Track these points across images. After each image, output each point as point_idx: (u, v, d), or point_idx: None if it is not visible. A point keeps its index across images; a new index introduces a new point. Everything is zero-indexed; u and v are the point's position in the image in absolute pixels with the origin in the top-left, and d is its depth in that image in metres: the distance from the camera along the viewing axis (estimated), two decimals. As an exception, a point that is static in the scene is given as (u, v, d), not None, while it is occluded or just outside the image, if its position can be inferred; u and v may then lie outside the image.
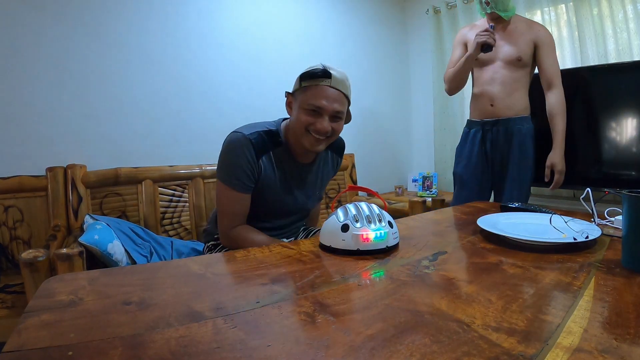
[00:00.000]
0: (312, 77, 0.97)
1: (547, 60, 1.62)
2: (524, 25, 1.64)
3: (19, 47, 1.54)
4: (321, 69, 0.97)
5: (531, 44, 1.62)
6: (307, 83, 0.97)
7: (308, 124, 0.97)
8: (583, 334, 0.39)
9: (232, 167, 0.98)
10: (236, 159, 0.98)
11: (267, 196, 1.04)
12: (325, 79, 0.97)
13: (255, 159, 0.99)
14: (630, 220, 0.58)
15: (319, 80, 0.97)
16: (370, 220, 0.70)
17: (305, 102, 0.97)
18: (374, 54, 2.84)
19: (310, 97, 0.97)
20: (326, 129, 0.98)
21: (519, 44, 1.62)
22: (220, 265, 0.67)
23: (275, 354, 0.36)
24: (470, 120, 1.82)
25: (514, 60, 1.63)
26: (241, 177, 0.98)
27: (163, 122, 1.89)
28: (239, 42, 2.13)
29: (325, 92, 0.97)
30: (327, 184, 1.25)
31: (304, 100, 0.97)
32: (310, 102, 0.96)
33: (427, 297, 0.50)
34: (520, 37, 1.63)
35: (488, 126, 1.72)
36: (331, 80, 0.98)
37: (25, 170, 1.53)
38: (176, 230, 1.77)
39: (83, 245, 1.18)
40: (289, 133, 1.05)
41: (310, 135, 0.98)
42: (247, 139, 0.98)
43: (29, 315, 0.44)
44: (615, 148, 1.90)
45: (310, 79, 0.97)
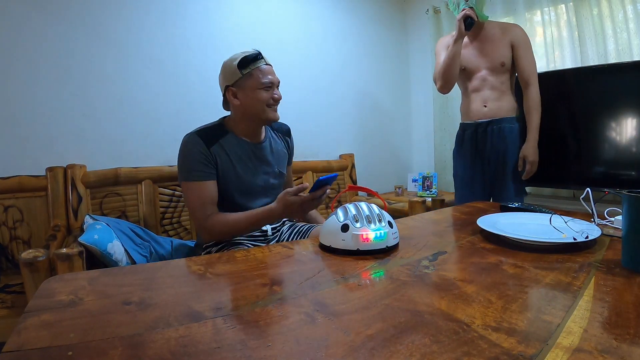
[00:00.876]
0: (252, 61, 1.10)
1: (524, 59, 1.69)
2: (498, 30, 1.72)
3: (19, 47, 1.54)
4: (256, 52, 1.12)
5: (509, 45, 1.69)
6: (249, 69, 1.10)
7: (267, 99, 1.11)
8: (583, 334, 0.39)
9: (187, 162, 1.07)
10: (189, 153, 1.07)
11: (230, 182, 1.11)
12: (261, 59, 1.13)
13: (207, 149, 1.08)
14: (630, 220, 0.58)
15: (259, 62, 1.11)
16: (370, 220, 0.70)
17: (258, 83, 1.10)
18: (374, 54, 2.84)
19: (259, 77, 1.10)
20: (280, 97, 1.15)
21: (499, 49, 1.70)
22: (220, 265, 0.67)
23: (275, 354, 0.36)
24: (464, 123, 1.87)
25: (498, 66, 1.70)
26: (198, 167, 1.06)
27: (163, 122, 1.89)
28: (238, 42, 2.13)
29: (267, 69, 1.13)
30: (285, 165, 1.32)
31: (254, 83, 1.10)
32: (263, 80, 1.10)
33: (427, 297, 0.50)
34: (499, 42, 1.70)
35: (482, 127, 1.78)
36: (265, 60, 1.14)
37: (25, 170, 1.53)
38: (176, 230, 1.77)
39: (83, 245, 1.18)
40: (236, 122, 1.16)
41: (270, 108, 1.13)
42: (193, 135, 1.09)
43: (29, 315, 0.44)
44: (615, 148, 1.90)
45: (251, 63, 1.10)
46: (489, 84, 1.73)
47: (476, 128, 1.80)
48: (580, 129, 2.01)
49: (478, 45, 1.74)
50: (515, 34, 1.69)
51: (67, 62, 1.64)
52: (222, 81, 1.15)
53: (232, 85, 1.12)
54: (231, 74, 1.11)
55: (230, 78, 1.12)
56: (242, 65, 1.09)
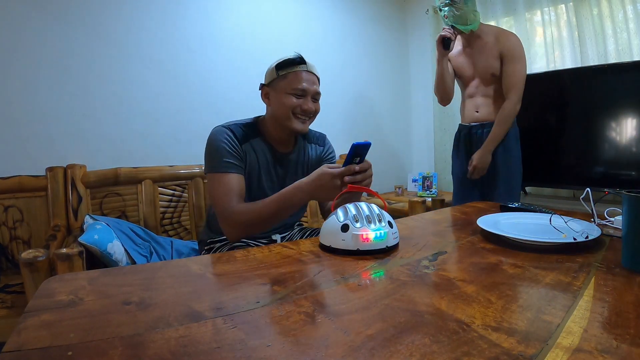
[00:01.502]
0: (290, 64, 1.05)
1: (508, 72, 1.68)
2: (491, 38, 1.71)
3: (19, 47, 1.54)
4: (297, 55, 1.06)
5: (498, 56, 1.70)
6: (285, 71, 1.05)
7: (294, 106, 1.04)
8: (583, 334, 0.39)
9: (217, 152, 1.01)
10: (219, 144, 1.01)
11: (252, 187, 1.07)
12: (302, 64, 1.06)
13: (238, 143, 1.03)
14: (630, 220, 0.58)
15: (296, 67, 1.05)
16: (370, 220, 0.70)
17: (289, 87, 1.04)
18: (374, 54, 2.84)
19: (292, 82, 1.04)
20: (311, 109, 1.07)
21: (490, 60, 1.71)
22: (220, 265, 0.67)
23: (275, 354, 0.36)
24: (461, 125, 1.93)
25: (488, 77, 1.74)
26: (228, 157, 1.01)
27: (163, 122, 1.89)
28: (238, 41, 2.13)
29: (304, 76, 1.05)
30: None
31: (286, 86, 1.04)
32: (293, 86, 1.04)
33: (427, 297, 0.50)
34: (489, 53, 1.71)
35: (475, 129, 1.83)
36: (306, 65, 1.07)
37: (25, 170, 1.53)
38: (176, 230, 1.77)
39: (83, 245, 1.18)
40: (266, 124, 1.11)
41: (297, 118, 1.06)
42: (224, 128, 1.04)
43: (28, 315, 0.44)
44: (615, 148, 1.90)
45: (288, 66, 1.05)
46: (481, 92, 1.78)
47: (469, 130, 1.85)
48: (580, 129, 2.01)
49: (471, 54, 1.77)
50: (506, 45, 1.67)
51: (67, 62, 1.64)
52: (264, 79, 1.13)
53: (267, 85, 1.10)
54: (269, 73, 1.09)
55: (266, 77, 1.10)
56: (280, 67, 1.06)
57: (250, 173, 1.06)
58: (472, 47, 1.76)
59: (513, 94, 1.67)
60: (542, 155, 2.14)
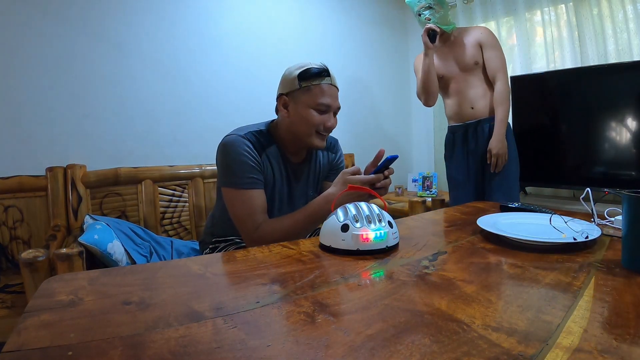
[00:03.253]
0: (315, 76, 0.98)
1: (491, 58, 1.74)
2: (464, 33, 1.79)
3: (19, 47, 1.54)
4: (322, 67, 0.99)
5: (477, 46, 1.75)
6: (309, 82, 0.97)
7: (318, 123, 0.98)
8: (583, 334, 0.39)
9: (237, 166, 0.95)
10: (239, 157, 0.95)
11: (268, 198, 1.02)
12: (327, 77, 0.99)
13: (258, 155, 0.98)
14: (630, 220, 0.58)
15: (322, 79, 0.98)
16: (370, 220, 0.70)
17: (313, 102, 0.97)
18: (374, 54, 2.84)
19: (317, 96, 0.97)
20: (334, 126, 1.02)
21: (469, 50, 1.76)
22: (220, 265, 0.67)
23: (275, 354, 0.36)
24: (452, 126, 1.92)
25: (471, 66, 1.76)
26: (250, 172, 0.95)
27: (163, 122, 1.89)
28: (238, 42, 2.13)
29: (328, 90, 0.99)
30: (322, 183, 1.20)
31: (309, 100, 0.97)
32: (319, 101, 0.97)
33: (427, 297, 0.50)
34: (468, 44, 1.76)
35: (471, 127, 1.82)
36: (331, 79, 1.00)
37: (25, 170, 1.53)
38: (176, 230, 1.77)
39: (83, 245, 1.18)
40: (280, 134, 1.05)
41: (318, 134, 1.01)
42: (242, 138, 0.98)
43: (28, 315, 0.44)
44: (615, 148, 1.90)
45: (313, 78, 0.97)
46: (470, 84, 1.78)
47: (466, 129, 1.84)
48: (580, 129, 2.01)
49: (449, 51, 1.81)
50: (481, 35, 1.75)
51: (67, 62, 1.64)
52: (279, 86, 1.04)
53: (286, 94, 1.01)
54: (289, 82, 1.00)
55: (286, 86, 1.01)
56: (302, 77, 0.97)
57: (266, 184, 1.01)
58: (449, 45, 1.81)
59: (501, 75, 1.72)
60: (542, 155, 2.14)
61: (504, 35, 2.44)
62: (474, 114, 1.80)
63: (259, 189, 0.97)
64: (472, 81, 1.78)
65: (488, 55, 1.74)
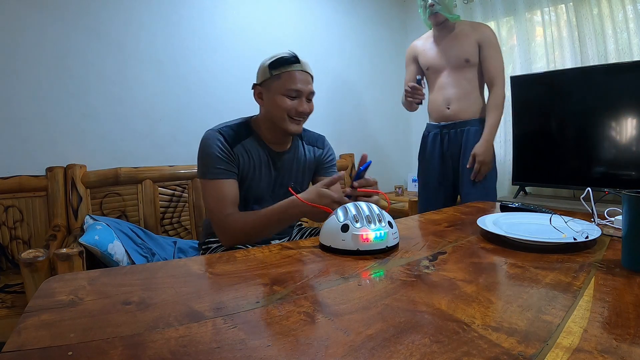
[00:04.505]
0: (284, 63, 1.00)
1: (490, 59, 1.67)
2: (468, 28, 1.70)
3: (19, 47, 1.54)
4: (291, 54, 1.02)
5: (476, 44, 1.67)
6: (279, 70, 1.01)
7: (289, 108, 1.01)
8: (583, 334, 0.39)
9: (208, 158, 0.99)
10: (210, 149, 1.00)
11: (247, 188, 1.05)
12: (296, 63, 1.02)
13: (229, 147, 1.01)
14: (630, 220, 0.58)
15: (291, 66, 1.01)
16: (370, 221, 0.70)
17: (283, 88, 1.01)
18: (374, 54, 2.84)
19: (286, 82, 1.00)
20: (306, 110, 1.04)
21: (464, 46, 1.68)
22: (220, 265, 0.67)
23: (275, 354, 0.36)
24: (429, 124, 1.87)
25: (462, 63, 1.69)
26: (219, 164, 0.99)
27: (163, 122, 1.89)
28: (238, 41, 2.13)
29: (298, 76, 1.02)
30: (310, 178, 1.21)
31: (280, 87, 1.01)
32: (288, 87, 1.00)
33: (427, 297, 0.50)
34: (465, 39, 1.68)
35: (446, 129, 1.77)
36: (300, 65, 1.02)
37: (25, 170, 1.53)
38: (176, 230, 1.77)
39: (83, 246, 1.18)
40: (260, 124, 1.08)
41: (291, 119, 1.03)
42: (216, 132, 1.02)
43: (28, 315, 0.44)
44: (615, 148, 1.90)
45: (282, 65, 1.00)
46: (453, 82, 1.71)
47: (440, 131, 1.78)
48: (580, 129, 2.01)
49: (444, 43, 1.73)
50: (483, 34, 1.67)
51: (67, 62, 1.64)
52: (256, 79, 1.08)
53: (259, 84, 1.06)
54: (262, 72, 1.04)
55: (260, 76, 1.06)
56: (273, 66, 1.01)
57: (244, 175, 1.04)
58: (445, 37, 1.73)
59: (499, 80, 1.66)
60: (542, 155, 2.14)
61: (504, 35, 2.44)
62: (449, 115, 1.73)
63: (228, 179, 1.00)
64: (457, 79, 1.71)
65: (488, 57, 1.66)
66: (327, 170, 1.22)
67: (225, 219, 0.96)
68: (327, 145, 1.24)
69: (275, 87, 1.02)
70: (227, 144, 1.01)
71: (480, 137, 1.67)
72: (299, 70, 1.02)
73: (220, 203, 0.98)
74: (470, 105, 1.71)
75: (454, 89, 1.71)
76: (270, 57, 1.04)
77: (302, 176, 1.18)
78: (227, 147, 1.01)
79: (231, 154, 1.01)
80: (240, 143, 1.04)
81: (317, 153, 1.21)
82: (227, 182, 1.00)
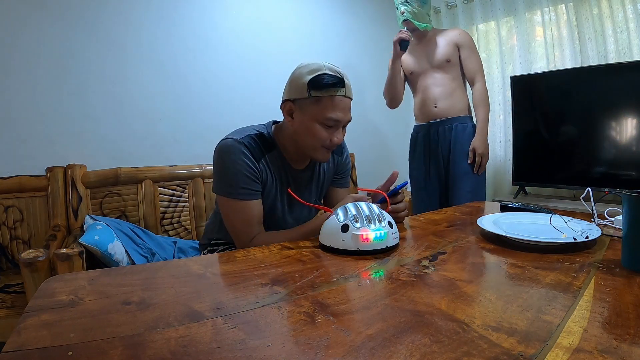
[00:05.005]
0: (327, 86, 0.87)
1: (469, 59, 1.74)
2: (440, 33, 1.79)
3: (19, 46, 1.54)
4: (336, 77, 0.88)
5: (453, 45, 1.74)
6: (320, 93, 0.87)
7: (324, 139, 0.91)
8: (583, 334, 0.39)
9: (232, 175, 0.89)
10: (234, 165, 0.89)
11: (265, 207, 0.96)
12: (340, 88, 0.89)
13: (256, 163, 0.91)
14: (630, 220, 0.58)
15: (334, 90, 0.88)
16: (370, 221, 0.70)
17: (322, 116, 0.88)
18: (374, 54, 2.84)
19: (327, 110, 0.88)
20: (341, 141, 0.94)
21: (442, 47, 1.75)
22: (220, 265, 0.67)
23: (275, 354, 0.36)
24: (417, 125, 1.93)
25: (443, 63, 1.75)
26: (245, 183, 0.89)
27: (163, 122, 1.89)
28: (238, 42, 2.13)
29: (341, 103, 0.90)
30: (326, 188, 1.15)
31: (318, 113, 0.88)
32: (328, 115, 0.88)
33: (427, 297, 0.50)
34: (443, 42, 1.76)
35: (434, 127, 1.82)
36: (345, 89, 0.91)
37: (25, 170, 1.53)
38: (176, 230, 1.77)
39: (83, 246, 1.18)
40: (283, 138, 0.98)
41: (325, 149, 0.93)
42: (240, 143, 0.90)
43: (28, 315, 0.44)
44: (615, 148, 1.90)
45: (324, 88, 0.87)
46: (437, 81, 1.77)
47: (428, 129, 1.83)
48: (580, 129, 2.01)
49: (423, 48, 1.80)
50: (459, 36, 1.75)
51: (66, 62, 1.64)
52: (287, 88, 0.94)
53: (292, 101, 0.91)
54: (298, 88, 0.89)
55: (294, 91, 0.90)
56: (314, 85, 0.86)
57: (264, 192, 0.96)
58: (423, 41, 1.80)
59: (480, 76, 1.73)
60: (542, 155, 2.14)
61: (504, 35, 2.44)
62: (437, 113, 1.78)
63: (254, 200, 0.92)
64: (440, 79, 1.77)
65: (465, 56, 1.74)
66: (341, 180, 1.15)
67: (252, 239, 0.91)
68: (346, 150, 1.16)
69: (312, 112, 0.89)
70: (253, 159, 0.91)
71: (467, 133, 1.75)
72: (342, 97, 0.90)
73: (247, 225, 0.91)
74: (456, 102, 1.76)
75: (439, 87, 1.77)
76: (309, 69, 0.89)
77: (322, 190, 1.12)
78: (254, 163, 0.91)
79: (257, 171, 0.92)
80: (264, 157, 0.94)
81: (336, 160, 1.12)
82: (254, 202, 0.92)
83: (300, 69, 0.91)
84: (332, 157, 1.11)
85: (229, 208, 0.92)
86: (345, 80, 0.91)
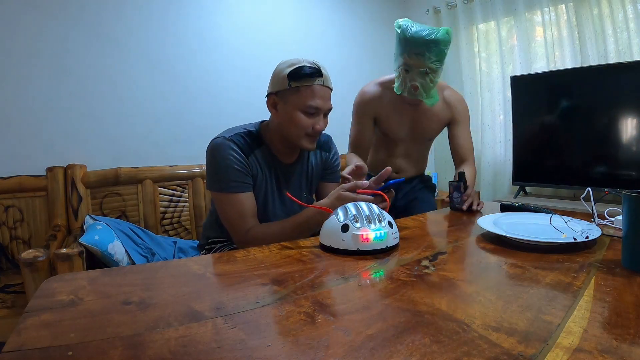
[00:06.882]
0: (305, 76, 0.92)
1: (462, 136, 1.54)
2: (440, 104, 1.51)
3: (19, 47, 1.54)
4: (314, 68, 0.94)
5: (445, 122, 1.55)
6: (299, 83, 0.93)
7: (307, 126, 0.95)
8: (583, 334, 0.39)
9: (223, 170, 0.94)
10: (225, 161, 0.93)
11: (257, 201, 1.00)
12: (318, 77, 0.94)
13: (245, 157, 0.96)
14: (630, 220, 0.58)
15: (312, 80, 0.93)
16: (370, 221, 0.70)
17: (303, 104, 0.94)
18: (374, 54, 2.84)
19: (306, 98, 0.93)
20: (323, 128, 0.99)
21: (432, 125, 1.54)
22: (220, 265, 0.67)
23: (275, 354, 0.36)
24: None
25: (424, 141, 1.60)
26: (236, 176, 0.94)
27: (163, 122, 1.89)
28: (238, 41, 2.13)
29: (319, 91, 0.95)
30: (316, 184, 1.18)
31: (298, 102, 0.94)
32: (308, 103, 0.93)
33: (427, 297, 0.50)
34: (434, 118, 1.53)
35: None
36: (322, 79, 0.95)
37: (25, 170, 1.53)
38: (176, 230, 1.77)
39: (83, 246, 1.18)
40: (270, 134, 1.02)
41: (308, 136, 0.98)
42: (229, 140, 0.95)
43: (29, 315, 0.44)
44: (615, 148, 1.90)
45: (302, 78, 0.93)
46: (406, 153, 1.61)
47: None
48: (580, 128, 2.01)
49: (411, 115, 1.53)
50: (457, 110, 1.53)
51: (66, 62, 1.64)
52: (270, 84, 1.00)
53: (275, 94, 0.97)
54: (279, 81, 0.95)
55: (276, 84, 0.96)
56: (293, 77, 0.92)
57: (255, 186, 1.00)
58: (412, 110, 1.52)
59: (472, 157, 1.55)
60: (542, 155, 2.14)
61: (504, 35, 2.44)
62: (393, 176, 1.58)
63: (247, 192, 0.96)
64: (415, 151, 1.60)
65: (461, 133, 1.54)
66: (331, 175, 1.19)
67: (247, 233, 0.94)
68: (334, 147, 1.20)
69: (293, 101, 0.94)
70: (242, 154, 0.96)
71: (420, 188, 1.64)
72: (321, 85, 0.95)
73: (241, 218, 0.95)
74: (418, 168, 1.66)
75: (406, 158, 1.62)
76: (289, 63, 0.95)
77: (311, 184, 1.15)
78: (243, 156, 0.96)
79: (247, 165, 0.96)
80: (253, 153, 0.99)
81: (324, 156, 1.17)
82: (246, 195, 0.96)
83: (281, 64, 0.97)
84: (320, 153, 1.16)
85: (223, 202, 0.97)
86: (323, 71, 0.96)
